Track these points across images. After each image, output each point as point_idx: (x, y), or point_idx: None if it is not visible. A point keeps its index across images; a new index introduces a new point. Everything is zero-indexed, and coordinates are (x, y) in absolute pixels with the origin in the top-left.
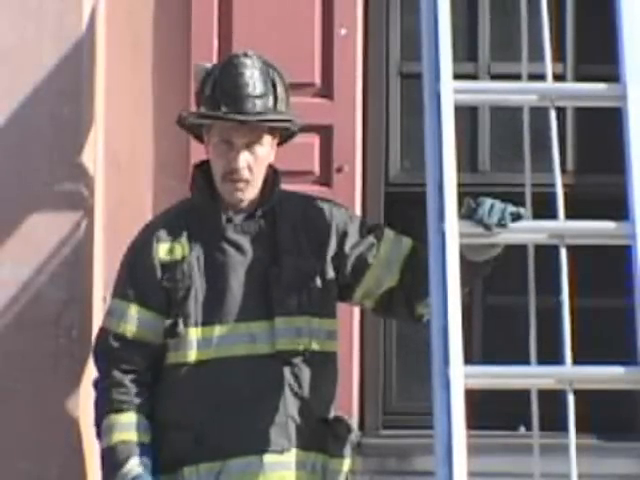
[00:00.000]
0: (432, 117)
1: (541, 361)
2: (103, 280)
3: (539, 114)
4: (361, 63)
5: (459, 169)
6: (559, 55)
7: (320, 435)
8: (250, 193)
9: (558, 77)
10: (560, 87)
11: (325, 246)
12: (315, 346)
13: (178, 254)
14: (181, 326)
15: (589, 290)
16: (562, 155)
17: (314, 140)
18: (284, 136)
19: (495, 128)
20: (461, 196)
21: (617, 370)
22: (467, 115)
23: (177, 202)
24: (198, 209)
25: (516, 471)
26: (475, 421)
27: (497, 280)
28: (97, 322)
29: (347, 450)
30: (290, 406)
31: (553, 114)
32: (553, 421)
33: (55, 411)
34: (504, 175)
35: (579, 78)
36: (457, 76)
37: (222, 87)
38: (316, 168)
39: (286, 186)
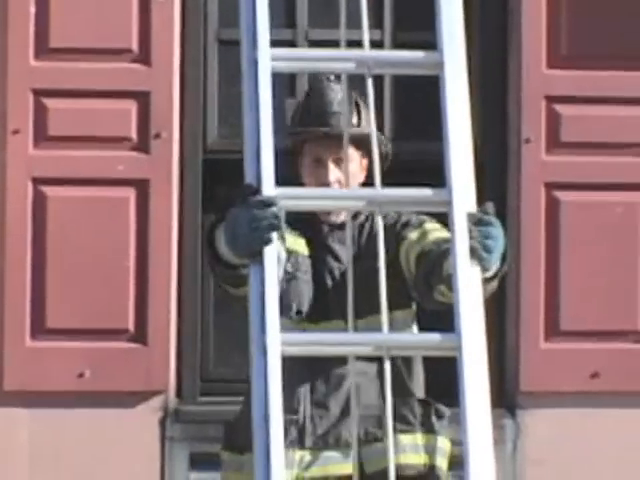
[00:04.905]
0: (250, 85)
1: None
2: None
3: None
4: (179, 29)
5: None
6: (377, 22)
7: (422, 415)
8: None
9: (376, 44)
10: (377, 55)
11: (390, 239)
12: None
13: (298, 247)
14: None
15: None
16: (380, 122)
17: (131, 106)
18: (382, 160)
19: None
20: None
21: (433, 337)
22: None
23: None
24: (296, 217)
25: None
26: None
27: None
28: None
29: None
30: (391, 391)
31: (370, 82)
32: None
33: None
34: None
35: (397, 45)
36: (275, 43)
37: (309, 109)
38: (133, 134)
39: (103, 152)
